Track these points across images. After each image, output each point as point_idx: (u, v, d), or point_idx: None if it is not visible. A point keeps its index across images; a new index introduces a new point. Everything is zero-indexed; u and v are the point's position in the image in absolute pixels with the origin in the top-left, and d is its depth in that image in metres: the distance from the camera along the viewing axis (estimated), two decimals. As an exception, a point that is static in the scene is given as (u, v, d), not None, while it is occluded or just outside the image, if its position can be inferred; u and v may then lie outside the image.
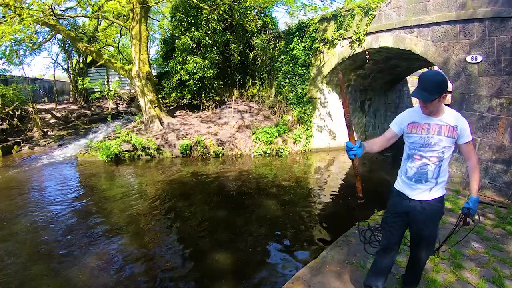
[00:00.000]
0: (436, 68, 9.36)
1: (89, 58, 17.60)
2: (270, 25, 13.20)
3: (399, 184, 2.39)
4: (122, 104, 16.91)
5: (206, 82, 12.13)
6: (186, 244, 4.47)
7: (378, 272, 2.56)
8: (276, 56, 12.12)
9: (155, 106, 11.45)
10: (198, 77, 11.62)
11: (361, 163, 10.26)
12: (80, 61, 17.66)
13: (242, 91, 14.35)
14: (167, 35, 13.83)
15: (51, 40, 15.56)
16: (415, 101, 15.55)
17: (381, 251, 2.55)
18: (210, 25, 11.53)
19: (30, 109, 12.73)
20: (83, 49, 12.43)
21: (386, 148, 2.42)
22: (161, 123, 11.45)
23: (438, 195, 2.24)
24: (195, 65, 11.41)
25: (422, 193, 2.23)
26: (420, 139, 2.18)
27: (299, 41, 11.11)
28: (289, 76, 11.54)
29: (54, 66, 18.62)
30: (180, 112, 13.00)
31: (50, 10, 8.94)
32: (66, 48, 17.09)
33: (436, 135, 2.13)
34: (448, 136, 2.12)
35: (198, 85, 11.99)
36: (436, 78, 1.98)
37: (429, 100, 2.00)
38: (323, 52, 10.32)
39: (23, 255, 4.13)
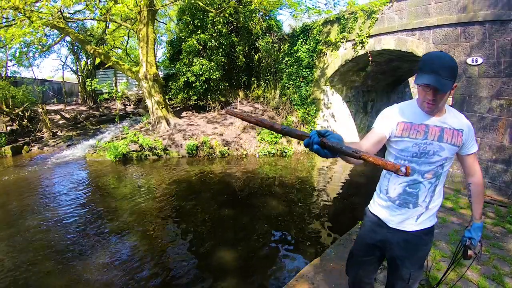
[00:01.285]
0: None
1: (97, 60, 17.82)
2: (274, 27, 13.34)
3: (376, 206, 1.81)
4: (130, 105, 17.10)
5: (212, 83, 12.29)
6: (192, 242, 4.57)
7: None
8: (281, 58, 12.25)
9: (162, 107, 11.63)
10: (204, 78, 11.79)
11: (364, 163, 10.27)
12: (89, 63, 17.94)
13: (247, 92, 14.48)
14: (174, 38, 14.00)
15: (60, 42, 15.88)
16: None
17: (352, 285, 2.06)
18: (216, 27, 11.71)
19: (40, 110, 12.94)
20: (92, 51, 12.64)
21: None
22: (168, 123, 11.63)
23: (427, 225, 1.69)
24: (201, 67, 11.60)
25: (406, 222, 1.68)
26: (414, 146, 1.58)
27: (303, 43, 11.25)
28: (293, 77, 11.67)
29: (63, 68, 19.13)
30: (186, 113, 13.18)
31: (59, 13, 9.09)
32: (75, 50, 17.38)
33: (437, 141, 1.56)
34: (451, 143, 1.57)
35: (204, 87, 12.15)
36: (450, 59, 1.43)
37: (447, 89, 1.41)
38: (326, 54, 10.45)
39: (33, 253, 4.20)
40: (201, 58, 11.86)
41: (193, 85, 11.98)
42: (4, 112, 12.38)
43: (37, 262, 3.99)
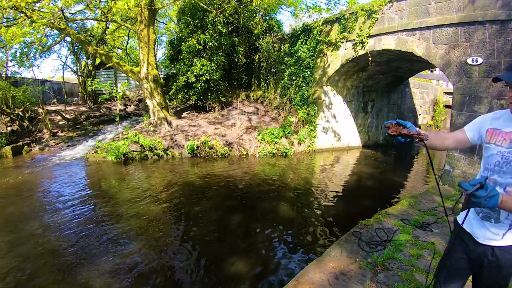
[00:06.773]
0: (437, 70, 9.42)
1: (97, 60, 17.84)
2: (275, 27, 13.36)
3: (462, 217, 1.65)
4: (130, 105, 17.13)
5: (212, 83, 12.31)
6: (194, 244, 4.54)
7: None
8: (281, 58, 12.26)
9: (162, 108, 11.64)
10: (204, 79, 11.80)
11: (364, 163, 10.39)
12: (89, 63, 17.94)
13: (248, 92, 14.51)
14: (174, 38, 14.01)
15: (60, 42, 15.86)
16: (416, 101, 15.56)
17: None
18: (216, 28, 11.72)
19: (40, 110, 12.97)
20: (92, 52, 12.63)
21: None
22: (169, 124, 11.63)
23: None
24: (201, 67, 11.61)
25: (492, 237, 1.53)
26: (497, 154, 1.47)
27: (304, 43, 11.25)
28: (294, 77, 11.67)
29: (63, 68, 19.14)
30: (187, 113, 13.19)
31: (60, 12, 9.10)
32: (75, 50, 17.38)
33: None
34: None
35: (204, 87, 12.17)
36: None
37: None
38: (327, 54, 10.45)
39: (34, 258, 4.16)
40: (201, 58, 11.87)
41: (193, 85, 11.99)
42: (5, 113, 12.39)
43: (39, 267, 3.93)
